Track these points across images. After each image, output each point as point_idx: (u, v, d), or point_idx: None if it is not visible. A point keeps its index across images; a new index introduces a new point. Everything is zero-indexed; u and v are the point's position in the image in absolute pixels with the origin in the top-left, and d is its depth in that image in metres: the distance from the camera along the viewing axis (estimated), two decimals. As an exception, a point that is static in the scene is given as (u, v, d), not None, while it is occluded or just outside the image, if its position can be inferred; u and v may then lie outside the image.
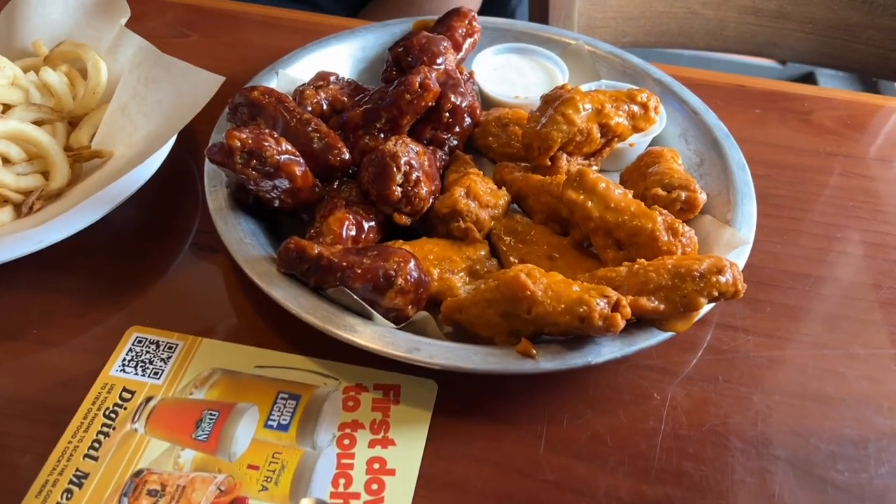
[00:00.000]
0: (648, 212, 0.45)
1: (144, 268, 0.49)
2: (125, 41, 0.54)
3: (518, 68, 0.60)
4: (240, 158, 0.44)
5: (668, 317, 0.42)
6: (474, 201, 0.47)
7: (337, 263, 0.42)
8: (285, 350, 0.44)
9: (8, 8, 0.56)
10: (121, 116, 0.50)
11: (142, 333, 0.44)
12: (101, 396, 0.41)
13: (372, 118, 0.50)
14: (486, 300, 0.42)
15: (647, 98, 0.52)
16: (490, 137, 0.55)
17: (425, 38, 0.54)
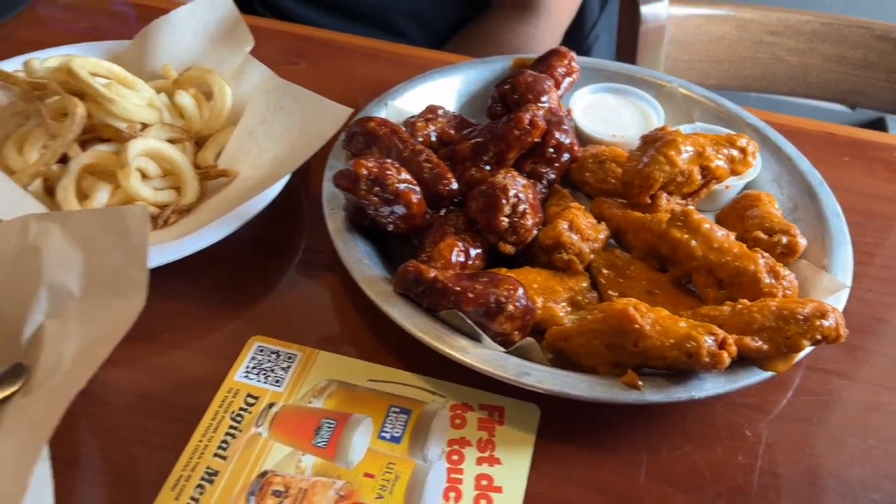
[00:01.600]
0: (751, 254, 0.46)
1: (260, 281, 0.52)
2: (249, 69, 0.58)
3: (613, 107, 0.62)
4: (364, 185, 0.47)
5: (771, 357, 0.43)
6: (577, 234, 0.50)
7: (451, 288, 0.45)
8: (396, 366, 0.47)
9: (141, 34, 0.60)
10: (248, 139, 0.53)
11: (262, 343, 0.47)
12: (227, 400, 0.44)
13: (480, 151, 0.53)
14: (592, 331, 0.44)
15: (746, 143, 0.54)
16: (587, 173, 0.57)
17: (531, 76, 0.57)
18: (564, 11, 0.83)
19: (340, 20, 0.85)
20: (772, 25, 0.80)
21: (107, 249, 0.38)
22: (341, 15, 0.85)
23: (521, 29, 0.81)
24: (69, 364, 0.36)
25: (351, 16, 0.85)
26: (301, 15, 0.85)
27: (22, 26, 0.72)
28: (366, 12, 0.84)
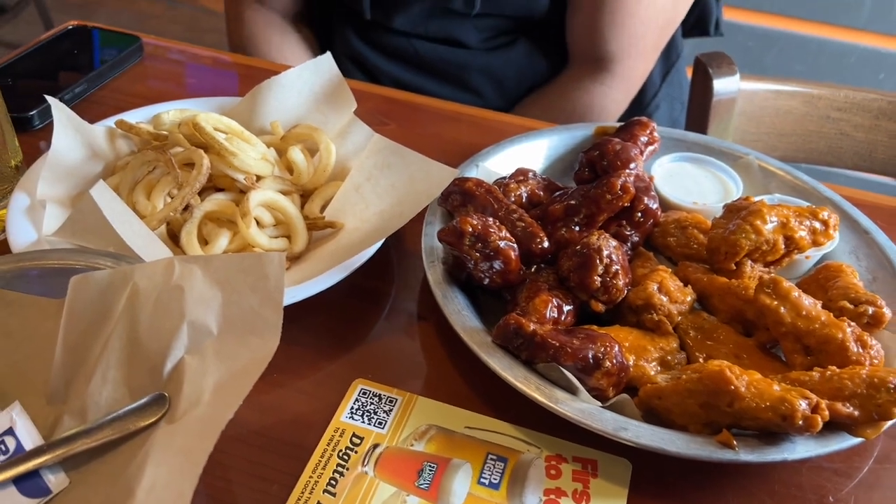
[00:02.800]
0: (838, 322, 0.48)
1: (359, 327, 0.55)
2: (354, 129, 0.62)
3: (693, 176, 0.65)
4: (468, 241, 0.50)
5: (861, 423, 0.45)
6: (665, 296, 0.52)
7: (550, 342, 0.47)
8: (491, 415, 0.49)
9: (251, 93, 0.65)
10: (354, 194, 0.57)
11: (365, 386, 0.50)
12: (334, 439, 0.47)
13: (572, 213, 0.56)
14: (687, 390, 0.46)
15: (828, 216, 0.56)
16: (670, 237, 0.59)
17: (619, 144, 0.60)
18: (637, 74, 0.87)
19: (423, 76, 0.91)
20: (839, 102, 0.83)
21: (244, 291, 0.41)
22: (424, 72, 0.90)
23: (594, 88, 0.86)
24: (209, 397, 0.38)
25: (433, 73, 0.91)
26: (388, 71, 0.91)
27: (134, 80, 0.78)
28: (447, 70, 0.90)
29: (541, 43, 0.92)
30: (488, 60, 0.89)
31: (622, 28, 0.84)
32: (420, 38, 0.89)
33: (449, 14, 0.88)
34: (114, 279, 0.43)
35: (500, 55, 0.90)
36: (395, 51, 0.90)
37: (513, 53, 0.92)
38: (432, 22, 0.89)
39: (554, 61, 0.93)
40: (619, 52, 0.86)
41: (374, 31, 0.91)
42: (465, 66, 0.89)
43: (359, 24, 0.91)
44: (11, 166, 0.56)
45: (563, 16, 0.88)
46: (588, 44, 0.87)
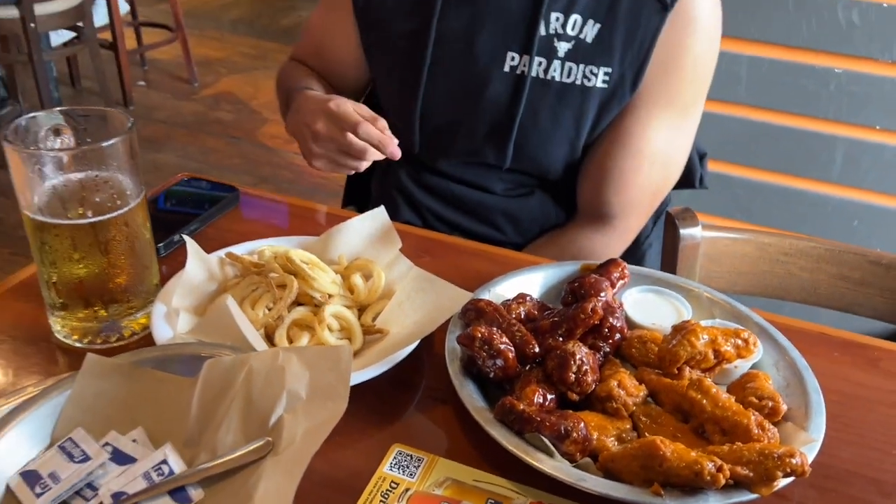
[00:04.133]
0: (745, 411, 0.66)
1: (398, 407, 0.74)
2: (399, 262, 0.84)
3: (654, 304, 0.85)
4: (478, 343, 0.71)
5: (755, 483, 0.62)
6: (623, 390, 0.71)
7: (534, 417, 0.66)
8: (492, 472, 0.67)
9: (326, 234, 0.87)
10: (397, 309, 0.78)
11: (401, 448, 0.69)
12: (378, 484, 0.65)
13: (556, 327, 0.76)
14: (631, 455, 0.64)
15: (748, 336, 0.75)
16: (633, 349, 0.79)
17: (594, 278, 0.81)
18: (633, 229, 1.11)
19: (456, 212, 1.15)
20: (785, 248, 1.03)
21: (325, 371, 0.62)
22: (457, 209, 1.15)
23: (597, 238, 1.08)
24: (300, 440, 0.58)
25: (464, 210, 1.15)
26: (427, 204, 1.16)
27: (232, 221, 1.02)
28: (476, 210, 1.14)
29: (553, 196, 1.16)
30: (509, 205, 1.13)
31: (622, 194, 1.08)
32: (456, 182, 1.14)
33: (482, 166, 1.12)
34: (235, 362, 0.64)
35: (519, 202, 1.13)
36: (435, 189, 1.15)
37: (530, 202, 1.15)
38: (468, 170, 1.13)
39: (563, 211, 1.16)
40: (619, 212, 1.09)
41: (420, 172, 1.16)
42: (490, 208, 1.13)
43: (409, 164, 1.16)
44: (154, 284, 0.79)
45: (574, 179, 1.12)
46: (594, 203, 1.10)
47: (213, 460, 0.59)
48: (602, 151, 1.07)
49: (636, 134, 1.04)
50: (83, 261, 0.72)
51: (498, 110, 1.06)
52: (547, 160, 1.07)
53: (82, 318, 0.76)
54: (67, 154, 0.70)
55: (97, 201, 0.71)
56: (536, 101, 1.04)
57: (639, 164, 1.05)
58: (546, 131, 1.05)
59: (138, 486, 0.58)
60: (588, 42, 1.01)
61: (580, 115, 1.04)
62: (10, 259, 2.70)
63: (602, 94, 1.03)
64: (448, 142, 1.10)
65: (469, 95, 1.07)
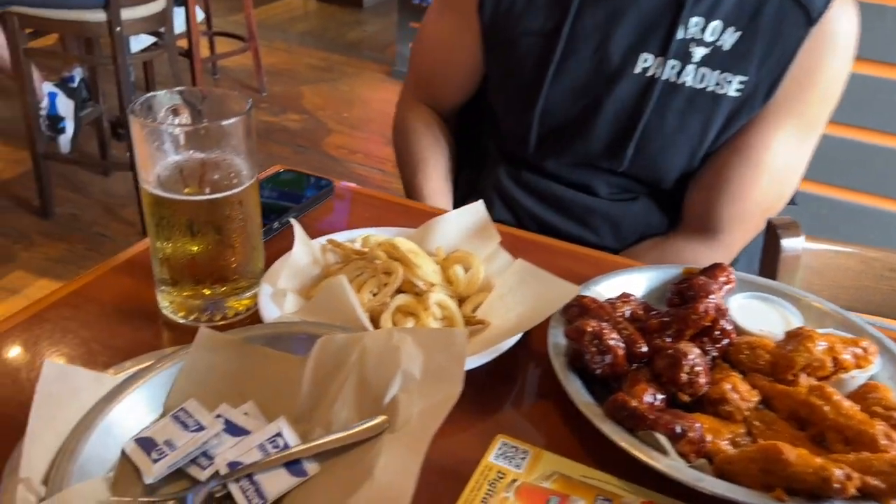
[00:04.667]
0: (871, 421, 0.63)
1: (498, 399, 0.73)
2: (498, 256, 0.84)
3: (761, 310, 0.82)
4: (587, 338, 0.69)
5: (885, 494, 0.59)
6: (737, 394, 0.69)
7: (648, 415, 0.64)
8: (600, 469, 0.65)
9: (424, 225, 0.87)
10: (499, 301, 0.77)
11: (505, 440, 0.68)
12: (484, 472, 0.64)
13: (665, 327, 0.74)
14: (750, 458, 0.61)
15: (867, 345, 0.72)
16: (741, 355, 0.76)
17: (703, 280, 0.79)
18: (738, 245, 1.09)
19: (553, 212, 1.15)
20: (892, 263, 0.99)
21: (438, 352, 0.61)
22: (555, 209, 1.14)
23: (701, 251, 1.06)
24: (416, 420, 0.57)
25: (562, 211, 1.15)
26: (524, 203, 1.15)
27: (326, 212, 1.03)
28: (575, 211, 1.13)
29: (658, 203, 1.14)
30: (611, 208, 1.12)
31: (735, 206, 1.06)
32: (560, 183, 1.13)
33: (592, 168, 1.11)
34: (349, 340, 0.64)
35: (622, 207, 1.12)
36: (535, 189, 1.15)
37: (634, 207, 1.14)
38: (575, 171, 1.13)
39: (666, 219, 1.15)
40: (728, 225, 1.07)
41: (521, 171, 1.16)
42: (591, 210, 1.12)
43: (509, 163, 1.16)
44: (259, 266, 0.80)
45: (683, 188, 1.10)
46: (704, 214, 1.09)
47: (329, 435, 0.59)
48: (721, 161, 1.06)
49: (760, 146, 1.03)
50: (197, 238, 0.73)
51: (623, 112, 1.05)
52: (665, 166, 1.06)
53: (189, 295, 0.77)
54: (188, 131, 0.72)
55: (215, 179, 0.73)
56: (664, 105, 1.03)
57: (758, 176, 1.04)
58: (669, 137, 1.04)
59: (254, 457, 0.58)
60: (725, 49, 1.01)
61: (708, 122, 1.03)
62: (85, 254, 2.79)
63: (733, 103, 1.02)
64: (564, 143, 1.10)
65: (594, 95, 1.06)
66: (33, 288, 2.58)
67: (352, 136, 3.94)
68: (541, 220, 1.16)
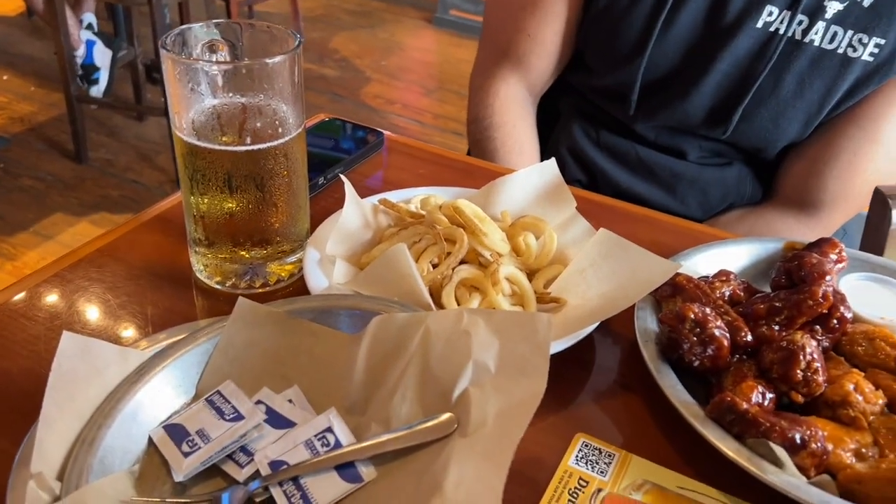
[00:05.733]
0: None
1: (573, 389, 0.64)
2: (575, 223, 0.74)
3: (879, 294, 0.71)
4: (688, 325, 0.59)
5: None
6: (861, 395, 0.58)
7: (761, 420, 0.54)
8: (700, 480, 0.56)
9: (487, 186, 0.77)
10: (577, 276, 0.67)
11: (586, 440, 0.59)
12: (563, 478, 0.55)
13: (774, 313, 0.63)
14: (887, 479, 0.51)
15: None
16: (858, 347, 0.65)
17: (815, 258, 0.67)
18: (836, 224, 0.97)
19: (635, 177, 1.03)
20: None
21: (517, 341, 0.51)
22: (638, 174, 1.03)
23: (796, 227, 0.95)
24: (493, 420, 0.48)
25: (645, 176, 1.03)
26: (603, 167, 1.03)
27: (376, 167, 0.93)
28: (660, 175, 1.02)
29: (752, 170, 1.02)
30: (700, 174, 1.00)
31: (843, 180, 0.94)
32: (645, 145, 1.01)
33: (686, 131, 0.99)
34: (410, 321, 0.55)
35: (712, 172, 1.01)
36: (615, 150, 1.03)
37: (724, 173, 1.02)
38: (665, 132, 1.00)
39: (760, 188, 1.03)
40: (831, 201, 0.95)
41: (600, 130, 1.04)
42: (677, 175, 1.00)
43: (586, 120, 1.04)
44: (305, 228, 0.70)
45: (782, 156, 0.98)
46: (804, 188, 0.97)
47: (388, 433, 0.50)
48: (834, 130, 0.94)
49: (882, 117, 0.91)
50: (236, 193, 0.64)
51: (736, 71, 0.93)
52: (774, 134, 0.94)
53: (226, 258, 0.68)
54: (226, 70, 0.62)
55: (257, 127, 0.63)
56: (784, 65, 0.91)
57: (875, 150, 0.92)
58: (785, 101, 0.92)
59: (300, 456, 0.50)
60: (864, 6, 0.88)
61: (831, 87, 0.91)
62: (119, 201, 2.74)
63: (864, 68, 0.90)
64: (664, 103, 0.98)
65: (706, 51, 0.93)
66: (67, 234, 2.55)
67: (390, 86, 3.82)
68: (618, 184, 1.04)
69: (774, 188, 1.01)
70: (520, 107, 1.06)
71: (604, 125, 1.04)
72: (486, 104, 1.06)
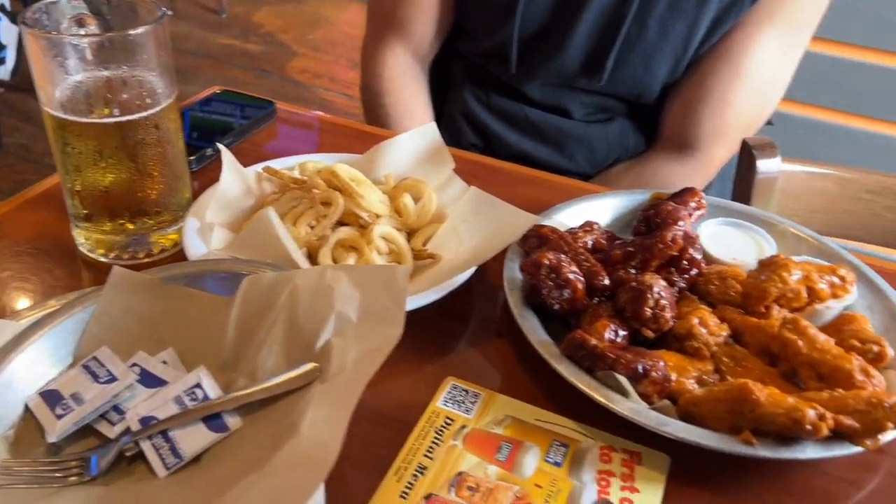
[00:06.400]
0: (847, 355, 0.59)
1: (450, 339, 0.68)
2: (452, 183, 0.77)
3: (734, 237, 0.77)
4: (544, 271, 0.63)
5: (860, 435, 0.55)
6: (705, 328, 0.63)
7: (608, 354, 0.59)
8: (556, 412, 0.60)
9: (370, 151, 0.80)
10: (451, 233, 0.71)
11: (456, 382, 0.62)
12: (431, 419, 0.59)
13: (629, 257, 0.68)
14: (717, 399, 0.57)
15: (845, 273, 0.67)
16: (711, 286, 0.71)
17: (671, 206, 0.72)
18: (716, 163, 1.02)
19: (525, 137, 1.07)
20: (869, 185, 0.94)
21: (377, 292, 0.55)
22: (527, 134, 1.07)
23: (677, 170, 1.00)
24: (351, 367, 0.51)
25: (534, 135, 1.07)
26: (494, 129, 1.07)
27: (268, 137, 0.94)
28: (548, 134, 1.06)
29: (634, 123, 1.07)
30: (586, 131, 1.05)
31: (716, 117, 0.99)
32: (532, 105, 1.05)
33: (568, 88, 1.04)
34: (278, 279, 0.57)
35: (597, 129, 1.05)
36: (505, 113, 1.07)
37: (609, 128, 1.07)
38: (548, 91, 1.05)
39: (643, 140, 1.08)
40: (708, 138, 1.00)
41: (490, 93, 1.07)
42: (565, 133, 1.05)
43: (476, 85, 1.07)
44: (186, 198, 0.72)
45: (663, 102, 1.03)
46: (683, 127, 1.02)
47: (254, 385, 0.53)
48: (702, 69, 0.99)
49: (744, 52, 0.96)
50: (109, 166, 0.65)
51: (603, 20, 0.97)
52: (647, 78, 0.99)
53: (108, 230, 0.69)
54: (92, 43, 0.63)
55: (124, 99, 0.64)
56: (646, 9, 0.95)
57: (740, 85, 0.97)
58: (652, 44, 0.97)
59: (169, 411, 0.52)
60: None
61: (692, 26, 0.96)
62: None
63: (719, 5, 0.95)
64: (542, 59, 1.02)
65: (573, 2, 0.98)
66: (-17, 223, 2.47)
67: (316, 60, 3.78)
68: (512, 146, 1.08)
69: (656, 135, 1.06)
70: (407, 73, 1.08)
71: (493, 88, 1.07)
72: (376, 73, 1.08)
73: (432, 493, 0.53)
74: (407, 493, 0.53)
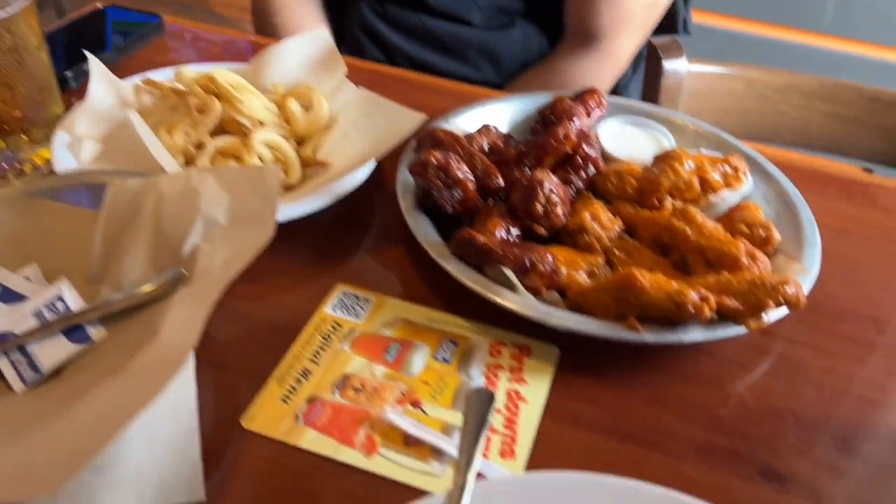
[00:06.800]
0: (734, 240, 0.59)
1: (343, 247, 0.66)
2: (344, 88, 0.73)
3: (633, 136, 0.76)
4: (432, 171, 0.61)
5: (743, 315, 0.55)
6: (597, 222, 0.63)
7: (495, 250, 0.58)
8: (448, 311, 0.59)
9: (257, 58, 0.76)
10: (342, 139, 0.68)
11: (346, 289, 0.61)
12: (319, 325, 0.57)
13: (522, 156, 0.66)
14: (604, 288, 0.56)
15: (737, 163, 0.67)
16: (608, 183, 0.70)
17: (567, 104, 0.71)
18: (624, 52, 0.98)
19: (428, 49, 1.03)
20: (775, 83, 0.94)
21: (247, 194, 0.52)
22: (429, 46, 1.03)
23: (585, 64, 0.97)
24: (218, 270, 0.49)
25: (436, 47, 1.03)
26: (396, 42, 1.03)
27: (154, 53, 0.89)
28: (450, 45, 1.02)
29: (537, 25, 1.03)
30: (487, 38, 1.01)
31: (614, 4, 0.96)
32: (428, 14, 1.00)
33: None
34: (144, 187, 0.54)
35: (499, 34, 1.02)
36: (403, 24, 1.03)
37: (511, 34, 1.03)
38: None
39: (548, 43, 1.04)
40: (609, 27, 0.97)
41: (385, 4, 1.03)
42: (466, 41, 1.01)
43: None
44: (56, 114, 0.67)
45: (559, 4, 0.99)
46: (583, 20, 0.98)
47: (118, 295, 0.50)
48: None
49: None
50: (-41, 76, 0.60)
51: None
52: None
53: (-28, 149, 0.64)
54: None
55: (-33, 0, 0.59)
56: None
57: None
58: None
59: (28, 325, 0.49)
60: None
61: None
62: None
63: None
64: None
65: None
66: None
67: (241, -7, 3.61)
68: (414, 58, 1.04)
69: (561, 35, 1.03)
70: None
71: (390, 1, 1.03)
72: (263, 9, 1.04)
73: (315, 396, 0.52)
74: (289, 398, 0.52)
